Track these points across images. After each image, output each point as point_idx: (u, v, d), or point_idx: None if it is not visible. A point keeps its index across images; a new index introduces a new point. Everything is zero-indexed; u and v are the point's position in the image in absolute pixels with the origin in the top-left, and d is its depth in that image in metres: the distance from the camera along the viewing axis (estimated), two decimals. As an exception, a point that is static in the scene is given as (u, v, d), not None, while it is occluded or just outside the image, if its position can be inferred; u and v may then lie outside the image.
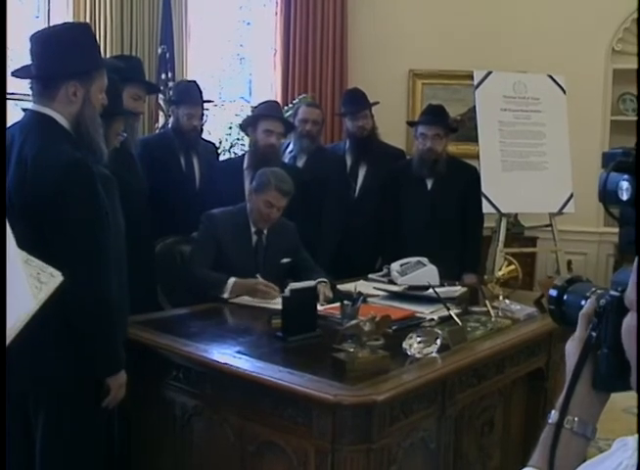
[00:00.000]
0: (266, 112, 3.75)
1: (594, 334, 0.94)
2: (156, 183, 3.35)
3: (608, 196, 0.97)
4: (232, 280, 3.02)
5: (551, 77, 4.54)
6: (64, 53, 2.09)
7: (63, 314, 2.01)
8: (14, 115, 3.34)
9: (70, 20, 4.38)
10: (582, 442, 0.94)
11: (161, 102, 4.53)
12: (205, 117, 3.98)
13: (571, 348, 0.97)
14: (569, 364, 0.96)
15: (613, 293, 0.92)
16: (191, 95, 3.81)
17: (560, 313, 1.06)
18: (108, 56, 4.44)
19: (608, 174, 0.97)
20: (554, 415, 0.95)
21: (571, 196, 4.39)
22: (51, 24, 4.30)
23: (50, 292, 1.27)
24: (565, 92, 4.52)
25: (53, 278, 1.32)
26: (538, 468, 0.93)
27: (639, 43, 2.81)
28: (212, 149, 4.21)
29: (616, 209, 0.98)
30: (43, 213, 1.99)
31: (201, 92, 3.89)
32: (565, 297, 1.06)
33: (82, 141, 2.11)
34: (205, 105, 4.02)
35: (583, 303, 0.99)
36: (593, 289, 1.01)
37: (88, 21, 4.39)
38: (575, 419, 0.93)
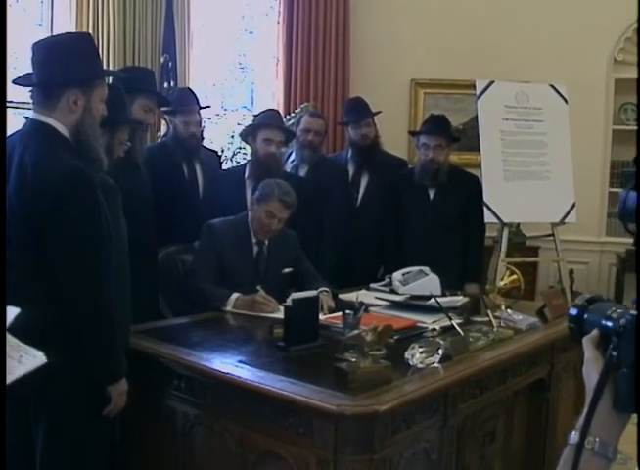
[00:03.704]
0: (266, 121, 3.76)
1: (614, 354, 0.95)
2: (159, 192, 3.36)
3: (628, 214, 0.98)
4: (234, 296, 3.02)
5: (553, 87, 4.56)
6: (65, 61, 2.10)
7: (63, 322, 2.02)
8: (15, 123, 3.36)
9: (73, 29, 4.41)
10: (603, 463, 0.94)
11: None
12: (203, 124, 3.97)
13: (588, 370, 0.99)
14: (588, 386, 0.97)
15: (633, 312, 0.93)
16: (185, 103, 3.81)
17: (580, 332, 1.07)
18: (110, 65, 4.47)
19: (627, 193, 0.99)
20: (574, 436, 0.96)
21: (574, 205, 4.39)
22: (53, 34, 4.33)
23: (28, 370, 1.23)
24: (567, 102, 4.54)
25: (34, 360, 1.28)
26: None
27: (639, 54, 2.83)
28: (215, 157, 4.21)
29: (632, 223, 1.00)
30: (43, 222, 1.99)
31: (197, 98, 3.90)
32: (585, 316, 1.07)
33: (82, 150, 2.11)
34: (207, 113, 4.01)
35: (604, 322, 1.01)
36: (613, 308, 1.02)
37: (91, 30, 4.42)
38: (597, 440, 0.94)
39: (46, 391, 2.07)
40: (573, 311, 1.09)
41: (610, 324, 1.00)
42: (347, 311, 2.53)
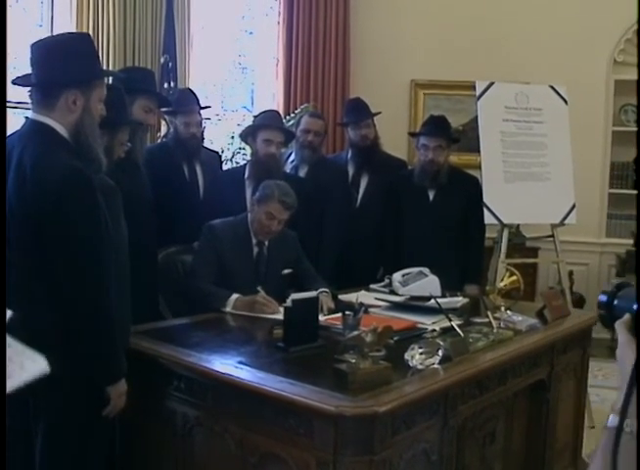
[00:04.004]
0: (265, 121, 3.76)
1: None
2: (159, 193, 3.36)
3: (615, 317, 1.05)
4: (234, 296, 3.02)
5: (553, 88, 4.56)
6: (64, 62, 2.10)
7: (63, 323, 2.02)
8: (15, 123, 3.36)
9: (73, 29, 4.42)
10: None
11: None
12: (203, 124, 3.97)
13: (622, 353, 1.00)
14: (623, 368, 0.98)
15: None
16: (185, 103, 3.81)
17: (611, 318, 1.08)
18: (110, 65, 4.48)
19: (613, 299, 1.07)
20: (613, 419, 0.96)
21: (574, 207, 4.40)
22: (54, 34, 4.33)
23: (29, 378, 1.21)
24: (567, 103, 4.54)
25: (36, 367, 1.25)
26: None
27: (639, 55, 2.84)
28: (216, 158, 4.22)
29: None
30: (43, 223, 2.00)
31: (197, 99, 3.90)
32: (615, 302, 1.09)
33: (81, 150, 2.11)
34: (207, 113, 4.01)
35: (635, 306, 1.03)
36: None
37: (91, 30, 4.42)
38: (636, 423, 0.94)
39: (45, 391, 2.06)
40: (603, 298, 1.11)
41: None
42: (347, 312, 2.52)
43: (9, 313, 1.29)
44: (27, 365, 1.22)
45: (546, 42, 5.58)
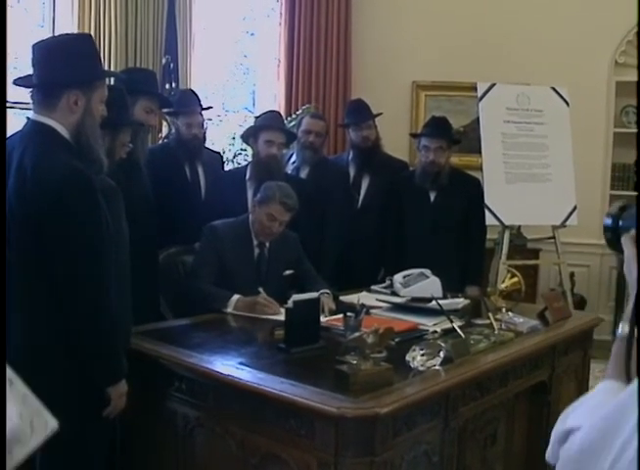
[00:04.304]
0: (267, 122, 3.76)
1: None
2: (160, 193, 3.36)
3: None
4: (235, 297, 3.02)
5: (554, 90, 4.57)
6: (65, 62, 2.10)
7: (62, 323, 2.02)
8: (16, 123, 3.36)
9: (75, 30, 4.42)
10: None
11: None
12: (205, 125, 3.98)
13: (629, 265, 1.01)
14: (631, 281, 0.99)
15: None
16: (187, 104, 3.81)
17: (617, 240, 1.08)
18: (112, 66, 4.48)
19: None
20: (623, 328, 0.97)
21: (575, 208, 4.40)
22: (55, 35, 4.34)
23: (40, 442, 1.20)
24: (568, 104, 4.55)
25: (46, 426, 1.24)
26: (616, 379, 0.94)
27: (639, 56, 2.84)
28: (218, 159, 4.21)
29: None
30: (43, 223, 2.00)
31: (199, 100, 3.90)
32: (620, 223, 1.08)
33: (82, 151, 2.11)
34: (208, 114, 4.01)
35: None
36: None
37: (93, 31, 4.43)
38: None
39: (45, 391, 2.06)
40: (608, 221, 1.10)
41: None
42: (348, 313, 2.53)
43: (55, 425, 1.23)
44: (37, 425, 1.20)
45: (547, 43, 5.58)
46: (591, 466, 0.81)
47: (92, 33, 4.34)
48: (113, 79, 2.99)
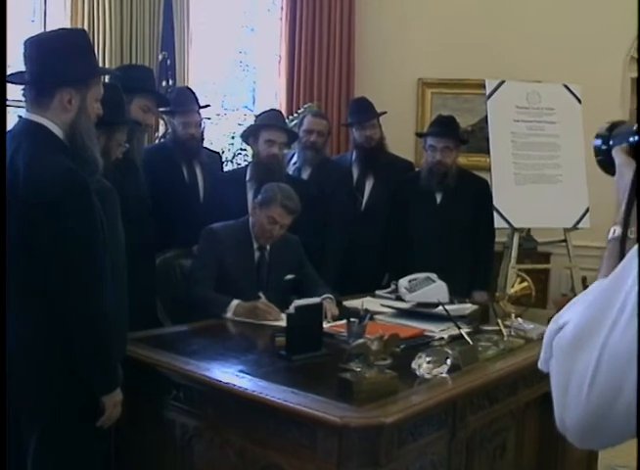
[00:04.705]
0: (268, 121, 3.78)
1: None
2: (157, 195, 3.38)
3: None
4: (235, 303, 3.04)
5: (566, 87, 4.57)
6: (59, 59, 2.10)
7: (55, 329, 2.03)
8: (7, 121, 3.36)
9: (68, 24, 4.42)
10: None
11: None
12: (203, 124, 3.99)
13: (620, 172, 1.06)
14: (621, 186, 1.04)
15: None
16: (184, 103, 3.83)
17: (609, 161, 1.11)
18: (107, 62, 4.48)
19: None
20: (615, 230, 1.03)
21: (587, 210, 4.40)
22: (47, 29, 4.35)
23: None
24: (580, 102, 4.55)
25: None
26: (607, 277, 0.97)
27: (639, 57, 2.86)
28: (217, 159, 4.23)
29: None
30: (36, 226, 2.00)
31: (196, 98, 3.91)
32: (610, 142, 1.11)
33: (77, 151, 2.12)
34: (206, 112, 4.02)
35: (632, 138, 1.06)
36: (636, 126, 1.06)
37: (86, 25, 4.43)
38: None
39: (38, 400, 2.07)
40: (597, 142, 1.14)
41: (638, 137, 1.05)
42: (352, 319, 2.54)
43: None
44: None
45: (559, 38, 5.58)
46: (587, 348, 0.84)
47: (85, 28, 4.34)
48: (107, 77, 3.01)
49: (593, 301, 0.88)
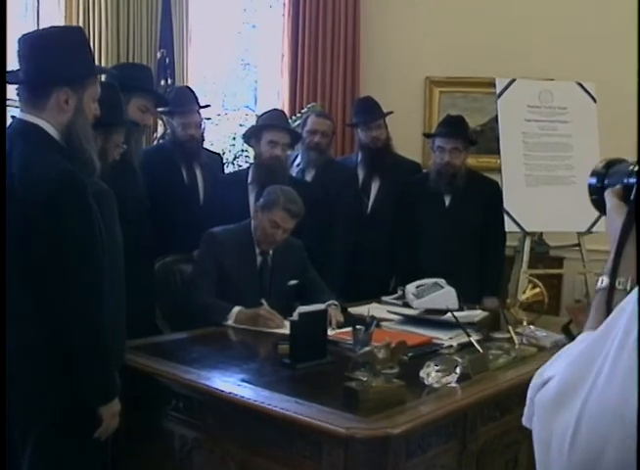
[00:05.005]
0: (270, 121, 3.79)
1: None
2: (156, 198, 3.38)
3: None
4: (236, 309, 3.04)
5: (580, 85, 4.56)
6: (55, 57, 2.11)
7: (50, 337, 2.03)
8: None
9: (62, 20, 4.42)
10: None
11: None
12: (203, 125, 4.00)
13: (610, 217, 1.04)
14: (612, 234, 1.02)
15: None
16: (183, 103, 3.83)
17: (603, 201, 1.09)
18: (103, 61, 4.49)
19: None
20: (603, 280, 1.01)
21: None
22: (40, 25, 4.36)
23: None
24: (595, 101, 4.54)
25: None
26: (594, 330, 0.95)
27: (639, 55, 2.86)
28: (217, 160, 4.24)
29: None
30: (31, 231, 2.00)
31: (196, 97, 3.92)
32: (605, 181, 1.09)
33: (73, 153, 2.12)
34: (207, 113, 4.03)
35: (626, 180, 1.05)
36: (632, 167, 1.05)
37: (81, 21, 4.43)
38: (629, 279, 0.98)
39: (32, 412, 2.07)
40: (592, 181, 1.11)
41: (633, 180, 1.03)
42: (358, 326, 2.54)
43: None
44: None
45: (572, 34, 5.56)
46: (568, 405, 0.83)
47: (80, 24, 4.35)
48: (103, 76, 3.01)
49: (578, 355, 0.87)
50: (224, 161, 4.77)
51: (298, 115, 5.17)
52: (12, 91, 2.25)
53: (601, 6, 5.57)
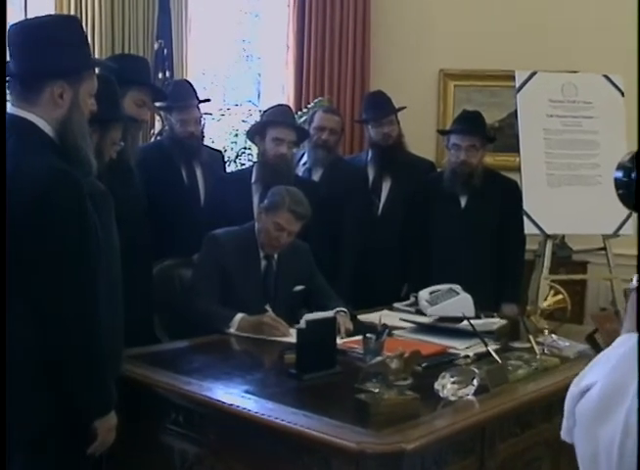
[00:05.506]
0: (275, 118, 3.79)
1: None
2: (154, 198, 3.39)
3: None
4: (239, 316, 3.05)
5: (607, 77, 4.55)
6: (49, 49, 2.10)
7: (43, 346, 2.03)
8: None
9: (52, 8, 4.42)
10: None
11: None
12: (203, 121, 4.00)
13: None
14: None
15: None
16: (182, 98, 3.84)
17: (631, 196, 1.09)
18: (96, 52, 4.49)
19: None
20: (635, 280, 1.03)
21: (630, 215, 4.38)
22: (27, 14, 4.35)
23: None
24: (623, 94, 4.53)
25: None
26: (633, 332, 0.96)
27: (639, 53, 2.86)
28: (219, 158, 4.25)
29: None
30: (23, 233, 2.00)
31: (195, 92, 3.93)
32: (632, 175, 1.09)
33: (68, 151, 2.12)
34: (207, 108, 4.03)
35: None
36: None
37: (72, 9, 4.43)
38: None
39: (22, 424, 2.08)
40: (619, 174, 1.11)
41: None
42: (368, 335, 2.55)
43: None
44: None
45: (597, 24, 5.55)
46: (614, 413, 0.83)
47: (72, 12, 4.35)
48: (98, 69, 3.02)
49: (620, 360, 0.88)
50: (226, 159, 4.78)
51: (305, 110, 5.18)
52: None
53: (627, -6, 5.56)
